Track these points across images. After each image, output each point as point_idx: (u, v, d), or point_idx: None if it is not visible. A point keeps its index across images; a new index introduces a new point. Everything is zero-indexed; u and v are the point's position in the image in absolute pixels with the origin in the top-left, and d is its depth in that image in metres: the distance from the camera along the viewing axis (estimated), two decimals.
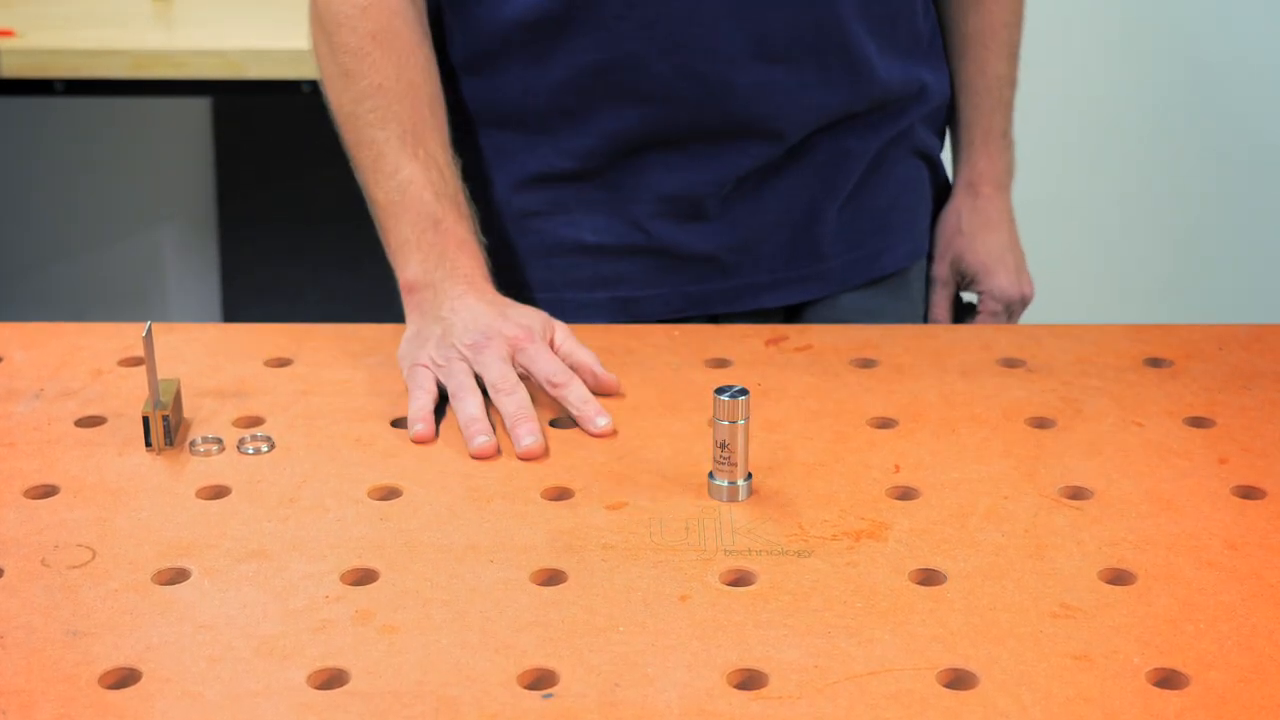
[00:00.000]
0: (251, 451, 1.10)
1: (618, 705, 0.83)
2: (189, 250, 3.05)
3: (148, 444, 1.10)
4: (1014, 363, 1.24)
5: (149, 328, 1.08)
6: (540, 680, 0.85)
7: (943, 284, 1.51)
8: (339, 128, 1.32)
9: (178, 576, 0.95)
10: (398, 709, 0.83)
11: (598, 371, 1.19)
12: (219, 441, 1.11)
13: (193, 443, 1.11)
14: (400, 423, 1.15)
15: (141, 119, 2.96)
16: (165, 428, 1.10)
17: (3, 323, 1.31)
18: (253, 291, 3.04)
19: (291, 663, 0.86)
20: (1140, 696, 0.84)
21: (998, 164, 1.50)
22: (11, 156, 2.98)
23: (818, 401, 1.18)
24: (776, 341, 1.28)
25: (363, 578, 0.95)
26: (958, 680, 0.85)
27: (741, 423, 1.03)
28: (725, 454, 1.03)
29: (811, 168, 1.37)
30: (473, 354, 1.18)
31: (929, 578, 0.95)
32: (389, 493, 1.05)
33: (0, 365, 1.23)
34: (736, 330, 1.30)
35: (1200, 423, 1.14)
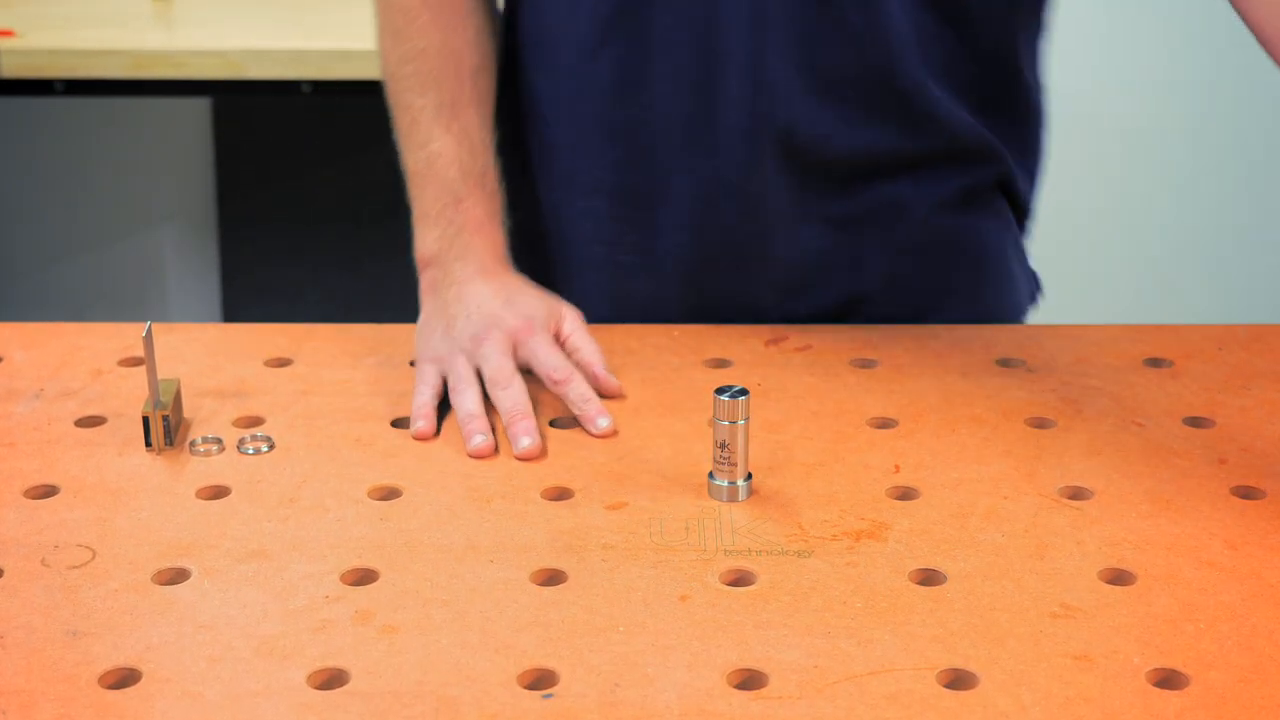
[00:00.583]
0: (251, 451, 1.10)
1: (618, 705, 0.83)
2: (189, 250, 3.05)
3: (148, 444, 1.10)
4: (1014, 363, 1.24)
5: (149, 328, 1.08)
6: (540, 680, 0.85)
7: None
8: (384, 83, 1.31)
9: (178, 576, 0.95)
10: (398, 709, 0.83)
11: (599, 373, 1.18)
12: (219, 441, 1.11)
13: (193, 443, 1.11)
14: (400, 422, 1.15)
15: (141, 119, 2.96)
16: (165, 428, 1.10)
17: (3, 323, 1.31)
18: (253, 291, 3.04)
19: (291, 663, 0.86)
20: (1140, 696, 0.84)
21: None
22: (11, 156, 2.98)
23: (818, 401, 1.18)
24: (776, 341, 1.28)
25: (363, 578, 0.95)
26: (958, 680, 0.85)
27: (741, 423, 1.03)
28: (725, 454, 1.03)
29: (861, 210, 1.31)
30: (473, 346, 1.18)
31: (929, 578, 0.95)
32: (389, 493, 1.05)
33: (0, 365, 1.23)
34: (736, 330, 1.30)
35: (1200, 423, 1.14)
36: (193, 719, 0.82)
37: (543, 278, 1.32)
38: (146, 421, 1.10)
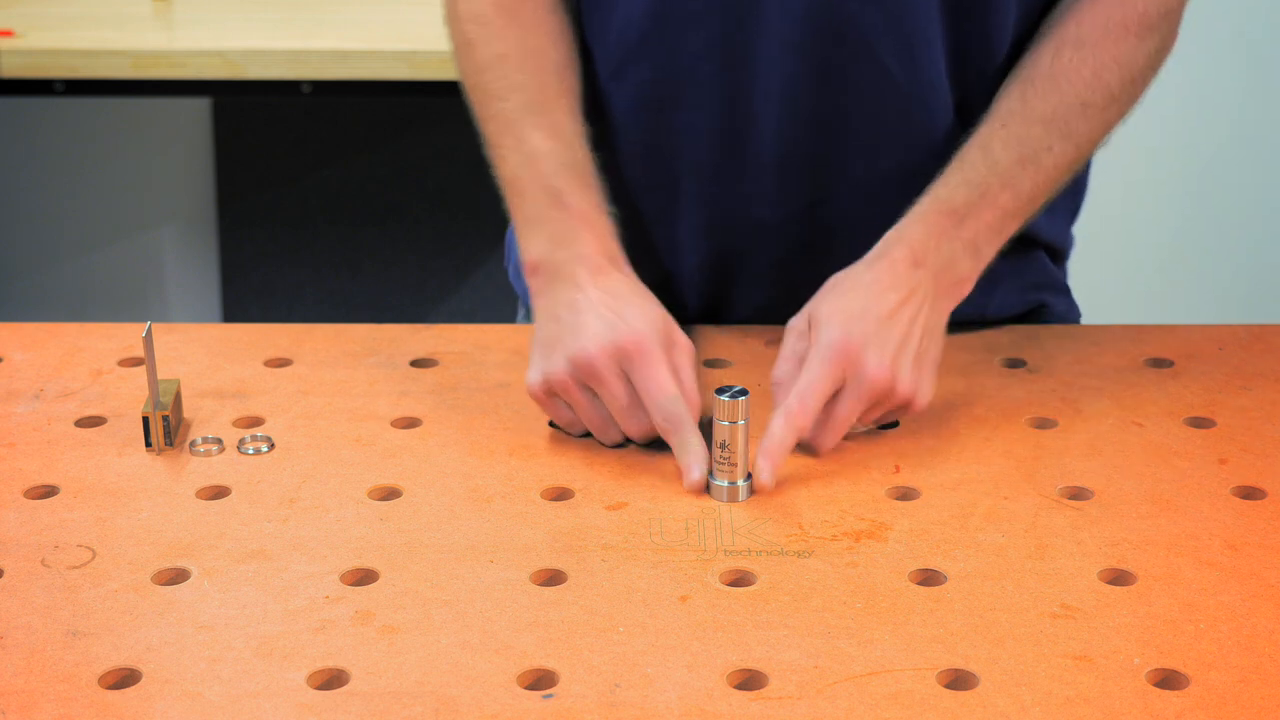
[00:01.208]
0: (251, 452, 1.10)
1: (618, 705, 0.83)
2: (189, 250, 3.05)
3: (148, 444, 1.10)
4: (1014, 363, 1.24)
5: (149, 328, 1.08)
6: (540, 680, 0.85)
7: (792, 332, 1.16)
8: (469, 101, 1.25)
9: (178, 576, 0.95)
10: (398, 709, 0.83)
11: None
12: (219, 442, 1.11)
13: (193, 443, 1.11)
14: (400, 423, 1.15)
15: (141, 119, 2.96)
16: (165, 428, 1.10)
17: (3, 323, 1.31)
18: (252, 292, 3.04)
19: (291, 663, 0.86)
20: (1140, 696, 0.84)
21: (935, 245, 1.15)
22: (11, 156, 2.98)
23: None
24: (777, 342, 1.28)
25: (363, 578, 0.95)
26: (958, 680, 0.85)
27: (741, 423, 1.03)
28: (725, 454, 1.03)
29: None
30: (584, 377, 1.10)
31: (929, 578, 0.95)
32: (389, 493, 1.05)
33: (0, 365, 1.23)
34: (736, 330, 1.30)
35: (1200, 423, 1.14)
36: (193, 719, 0.82)
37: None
38: (146, 421, 1.10)
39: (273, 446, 1.11)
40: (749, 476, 1.04)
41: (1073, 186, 1.35)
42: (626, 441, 1.11)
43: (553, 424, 1.14)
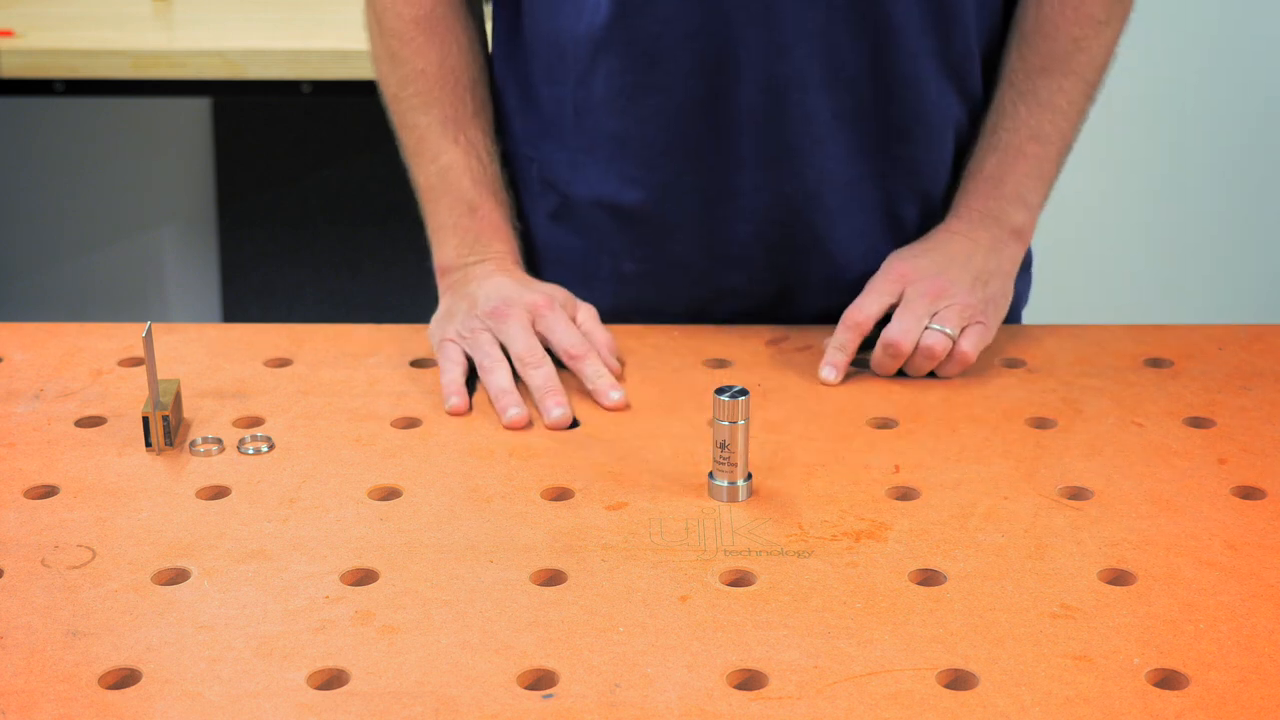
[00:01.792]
0: (251, 452, 1.10)
1: (618, 705, 0.83)
2: (189, 250, 3.05)
3: (148, 444, 1.10)
4: (1014, 363, 1.24)
5: (149, 328, 1.08)
6: (540, 680, 0.85)
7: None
8: (387, 108, 1.34)
9: (178, 576, 0.95)
10: (398, 709, 0.83)
11: (604, 355, 1.21)
12: (219, 442, 1.11)
13: (193, 443, 1.11)
14: (400, 423, 1.15)
15: (141, 119, 2.96)
16: (165, 428, 1.10)
17: (3, 323, 1.31)
18: (252, 292, 3.04)
19: (291, 663, 0.86)
20: (1140, 696, 0.84)
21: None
22: (11, 156, 2.98)
23: (818, 402, 1.18)
24: (777, 342, 1.28)
25: (363, 578, 0.95)
26: (958, 680, 0.85)
27: (741, 423, 1.03)
28: (725, 454, 1.03)
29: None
30: (494, 323, 1.21)
31: (929, 578, 0.95)
32: (389, 493, 1.05)
33: (0, 365, 1.23)
34: (736, 330, 1.30)
35: (1200, 423, 1.14)
36: (193, 719, 0.82)
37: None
38: (146, 421, 1.10)
39: (273, 446, 1.11)
40: (749, 476, 1.04)
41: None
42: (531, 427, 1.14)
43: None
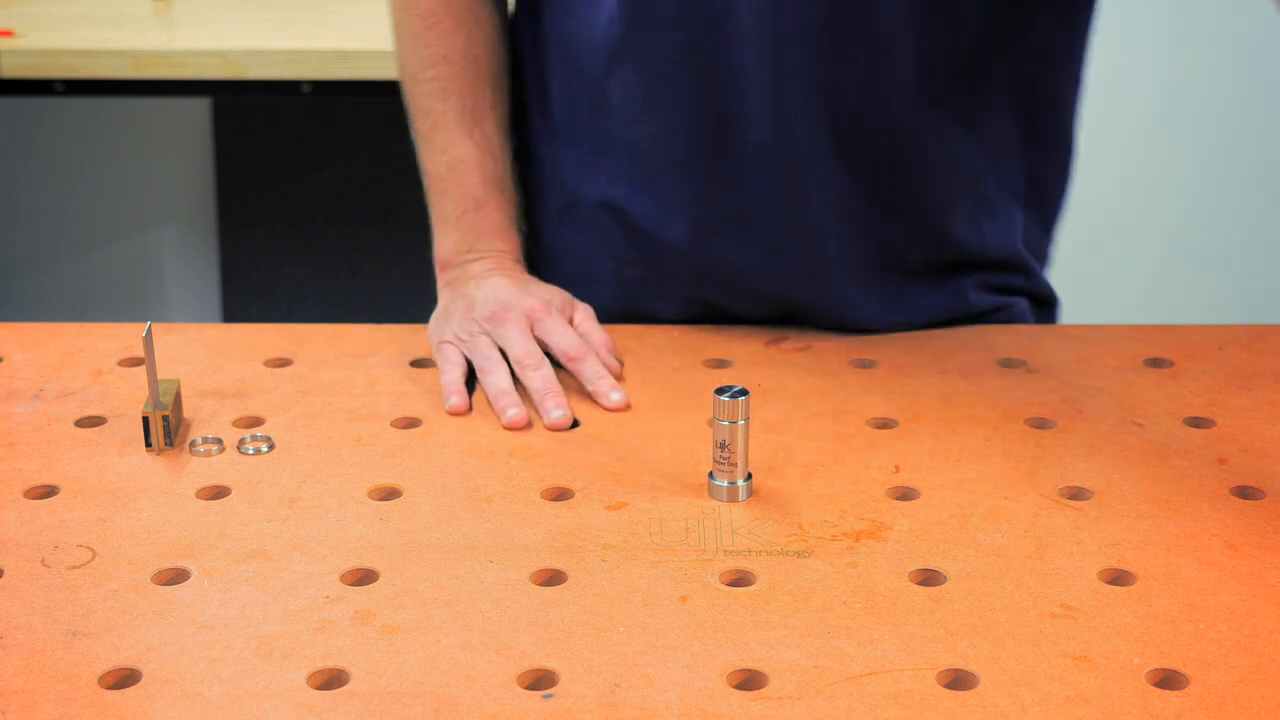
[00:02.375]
0: (251, 452, 1.10)
1: (618, 705, 0.83)
2: (189, 250, 3.05)
3: (148, 444, 1.10)
4: (1014, 363, 1.24)
5: (149, 328, 1.08)
6: (540, 680, 0.85)
7: None
8: (401, 84, 1.32)
9: (178, 576, 0.95)
10: (398, 709, 0.83)
11: (602, 355, 1.21)
12: (219, 442, 1.11)
13: (193, 443, 1.11)
14: (400, 423, 1.15)
15: (141, 119, 2.96)
16: (165, 428, 1.10)
17: (3, 323, 1.31)
18: (252, 292, 3.04)
19: (291, 663, 0.86)
20: (1140, 696, 0.84)
21: None
22: (11, 156, 2.98)
23: (818, 402, 1.18)
24: (776, 342, 1.28)
25: (363, 578, 0.95)
26: (958, 680, 0.85)
27: (741, 423, 1.03)
28: (725, 454, 1.03)
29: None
30: (492, 326, 1.21)
31: (929, 578, 0.95)
32: (389, 493, 1.05)
33: (0, 365, 1.23)
34: (736, 330, 1.30)
35: (1200, 423, 1.14)
36: (192, 719, 0.82)
37: (551, 279, 1.34)
38: (146, 421, 1.10)
39: (273, 446, 1.11)
40: (749, 476, 1.04)
41: (1039, 200, 1.36)
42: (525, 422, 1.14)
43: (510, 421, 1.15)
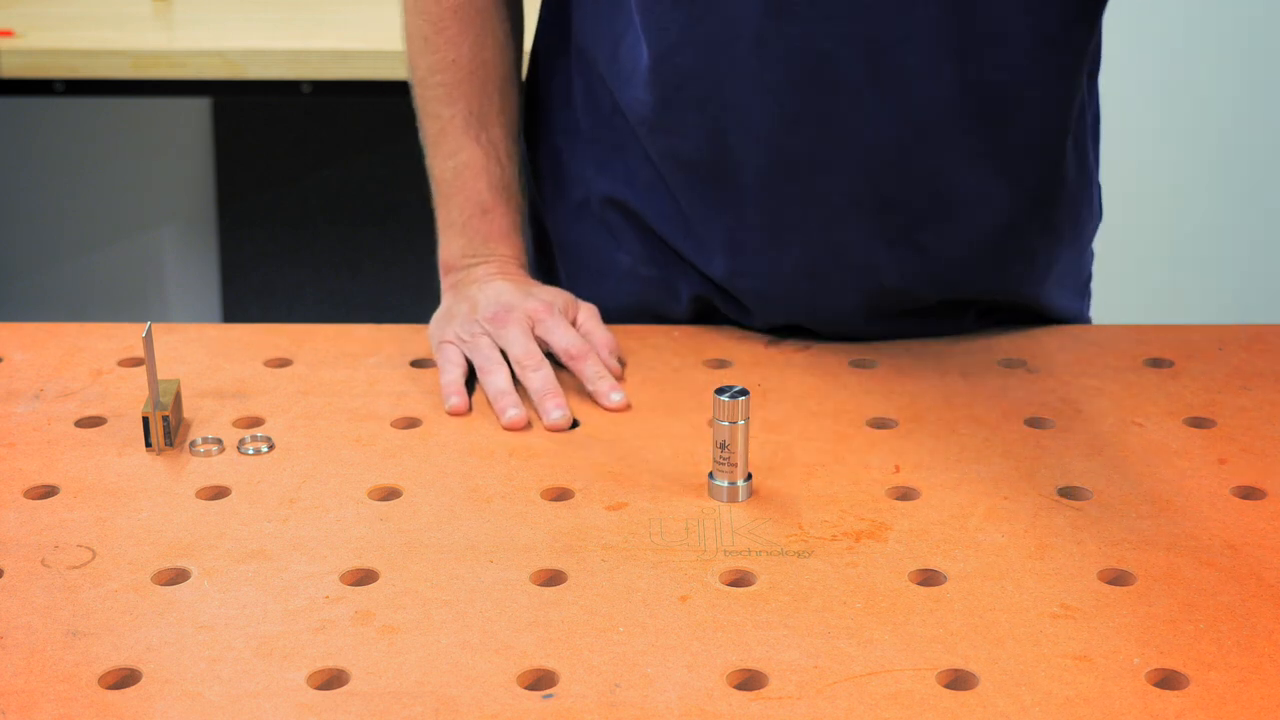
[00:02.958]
0: (251, 452, 1.10)
1: (618, 705, 0.83)
2: (189, 250, 3.05)
3: (148, 444, 1.10)
4: (1014, 363, 1.24)
5: (149, 328, 1.08)
6: (540, 680, 0.85)
7: None
8: (411, 87, 1.33)
9: (178, 576, 0.95)
10: (398, 709, 0.83)
11: (604, 356, 1.21)
12: (219, 442, 1.11)
13: (193, 443, 1.11)
14: (400, 423, 1.15)
15: (141, 119, 2.96)
16: (165, 428, 1.10)
17: (3, 323, 1.31)
18: (252, 292, 3.04)
19: (291, 663, 0.86)
20: (1140, 696, 0.84)
21: None
22: (11, 156, 2.98)
23: (818, 402, 1.18)
24: (777, 342, 1.28)
25: (363, 578, 0.95)
26: (958, 680, 0.85)
27: (741, 423, 1.03)
28: (725, 454, 1.03)
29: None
30: (494, 328, 1.21)
31: (929, 578, 0.95)
32: (389, 493, 1.05)
33: (0, 365, 1.23)
34: (736, 331, 1.30)
35: (1200, 423, 1.14)
36: (192, 719, 0.82)
37: (555, 278, 1.36)
38: (146, 422, 1.10)
39: (273, 446, 1.11)
40: (749, 476, 1.04)
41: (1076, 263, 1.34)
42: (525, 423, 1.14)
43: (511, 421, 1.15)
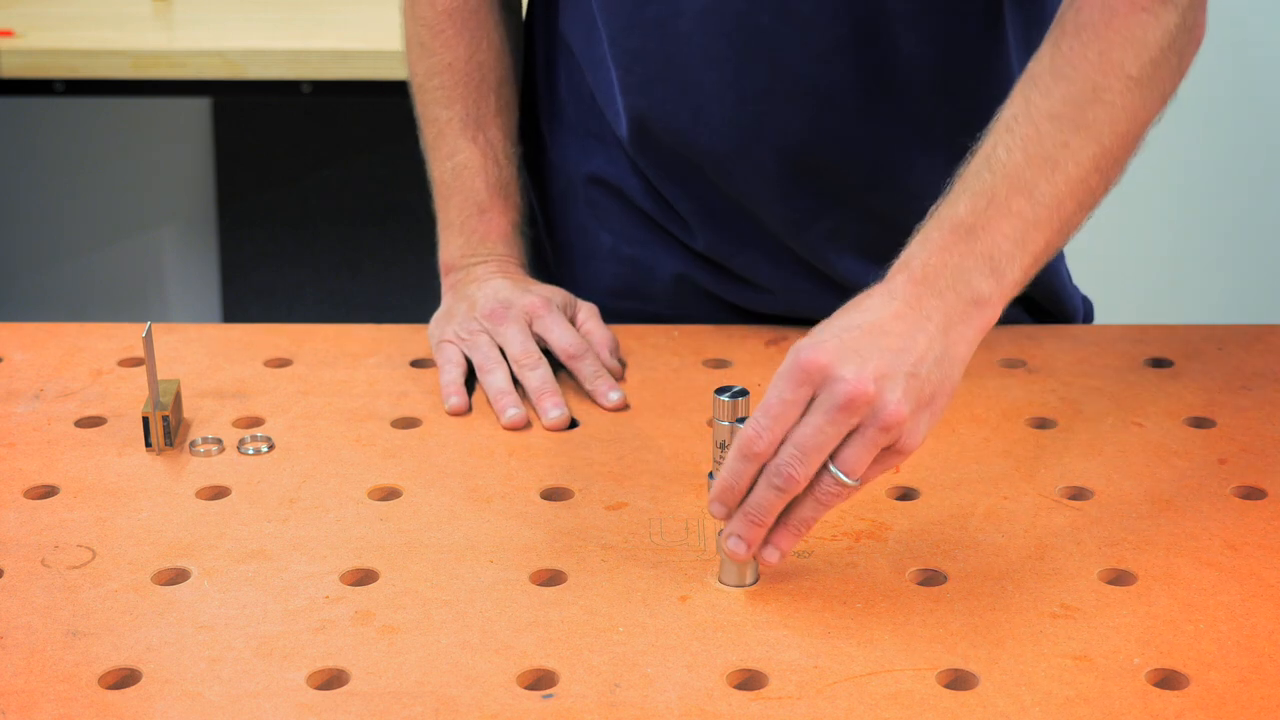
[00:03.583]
0: (251, 452, 1.10)
1: (618, 705, 0.83)
2: (189, 251, 3.05)
3: (148, 444, 1.10)
4: (1014, 363, 1.24)
5: (149, 328, 1.08)
6: (540, 680, 0.85)
7: None
8: (411, 93, 1.35)
9: (178, 577, 0.95)
10: (398, 709, 0.83)
11: (602, 355, 1.21)
12: (219, 442, 1.11)
13: (193, 443, 1.11)
14: (400, 423, 1.15)
15: (141, 119, 2.96)
16: (165, 428, 1.10)
17: (3, 323, 1.31)
18: (252, 292, 3.04)
19: (291, 663, 0.86)
20: (1140, 696, 0.84)
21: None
22: (11, 156, 2.98)
23: None
24: (777, 342, 1.28)
25: (363, 578, 0.95)
26: (958, 680, 0.85)
27: (741, 423, 1.02)
28: (725, 454, 1.03)
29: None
30: (492, 325, 1.22)
31: (929, 578, 0.95)
32: (389, 493, 1.05)
33: (0, 365, 1.23)
34: (736, 330, 1.30)
35: (1200, 423, 1.14)
36: (192, 719, 0.82)
37: (557, 261, 1.37)
38: (146, 422, 1.10)
39: (273, 447, 1.11)
40: None
41: None
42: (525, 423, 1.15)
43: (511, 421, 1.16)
